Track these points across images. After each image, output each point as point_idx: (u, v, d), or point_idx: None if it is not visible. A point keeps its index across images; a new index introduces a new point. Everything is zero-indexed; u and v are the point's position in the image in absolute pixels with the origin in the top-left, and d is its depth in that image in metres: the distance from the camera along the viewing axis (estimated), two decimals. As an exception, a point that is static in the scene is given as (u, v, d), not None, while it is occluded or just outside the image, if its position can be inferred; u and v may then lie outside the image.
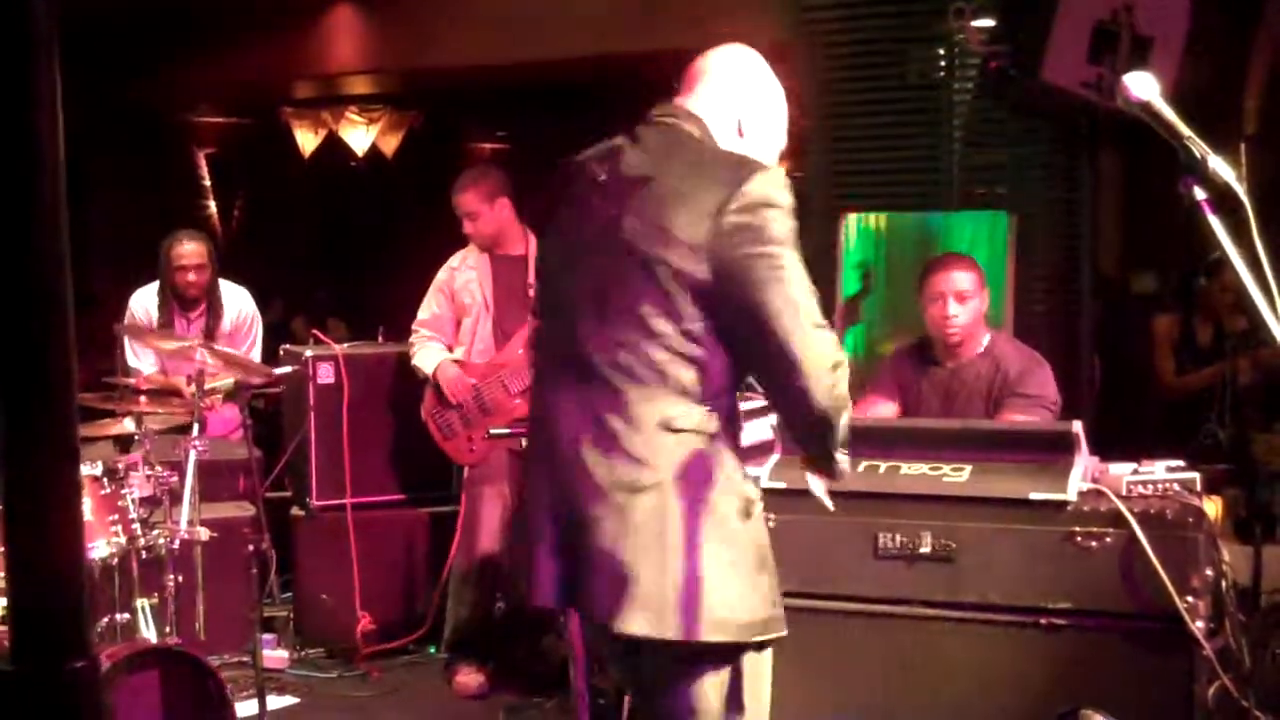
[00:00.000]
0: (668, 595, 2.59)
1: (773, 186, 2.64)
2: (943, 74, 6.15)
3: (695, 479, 2.64)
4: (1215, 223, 2.15)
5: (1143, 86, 2.23)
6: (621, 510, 2.62)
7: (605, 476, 2.65)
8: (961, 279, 4.72)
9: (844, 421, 2.70)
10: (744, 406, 4.50)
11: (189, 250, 6.53)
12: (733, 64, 2.92)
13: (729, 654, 2.70)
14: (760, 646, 2.75)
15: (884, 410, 4.83)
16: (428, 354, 5.75)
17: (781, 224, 2.63)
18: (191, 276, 6.50)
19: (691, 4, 7.88)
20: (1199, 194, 2.16)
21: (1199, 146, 2.17)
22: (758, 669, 2.76)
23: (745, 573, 2.68)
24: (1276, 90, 6.62)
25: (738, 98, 2.88)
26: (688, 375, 2.66)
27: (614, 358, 2.68)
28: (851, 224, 6.03)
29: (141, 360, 6.45)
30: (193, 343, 5.19)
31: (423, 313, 5.82)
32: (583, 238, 2.77)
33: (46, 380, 1.41)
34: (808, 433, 2.76)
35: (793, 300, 2.62)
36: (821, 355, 2.63)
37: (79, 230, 1.50)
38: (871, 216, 5.98)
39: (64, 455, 1.44)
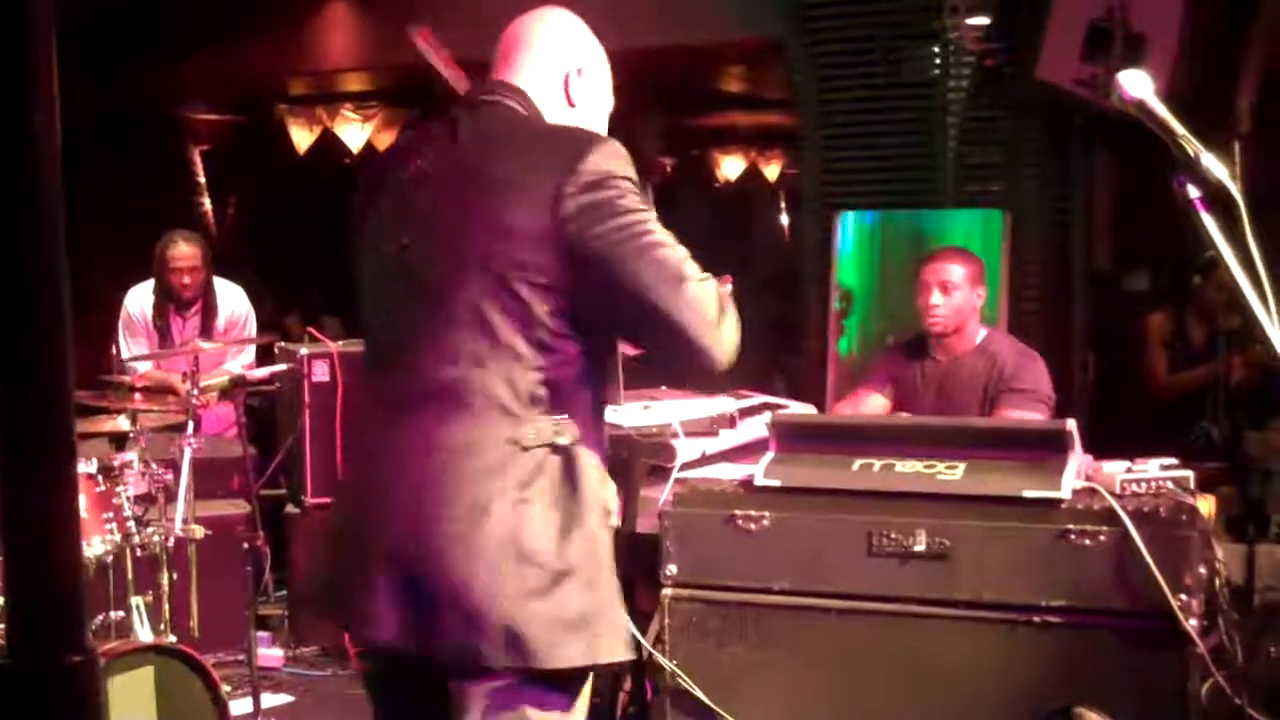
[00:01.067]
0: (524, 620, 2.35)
1: (610, 158, 2.43)
2: (937, 72, 6.17)
3: (553, 496, 2.42)
4: (1208, 221, 2.15)
5: (1137, 84, 2.23)
6: (467, 538, 2.36)
7: (451, 501, 2.38)
8: (948, 269, 4.73)
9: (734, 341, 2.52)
10: (739, 405, 4.53)
11: (184, 252, 6.54)
12: (552, 28, 2.68)
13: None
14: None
15: (874, 402, 4.84)
16: None
17: (627, 193, 2.42)
18: (186, 279, 6.50)
19: (689, 1, 7.88)
20: (1192, 192, 2.16)
21: (1192, 145, 2.17)
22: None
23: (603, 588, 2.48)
24: (1270, 89, 6.62)
25: (562, 64, 2.64)
26: (537, 386, 2.41)
27: (454, 373, 2.42)
28: (849, 221, 6.04)
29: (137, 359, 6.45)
30: (191, 346, 5.20)
31: None
32: (407, 241, 2.52)
33: (43, 376, 1.41)
34: (706, 375, 2.57)
35: (661, 264, 2.40)
36: (705, 310, 2.42)
37: (72, 226, 1.50)
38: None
39: (61, 451, 1.44)
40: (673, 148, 13.30)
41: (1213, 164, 2.15)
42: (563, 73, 2.64)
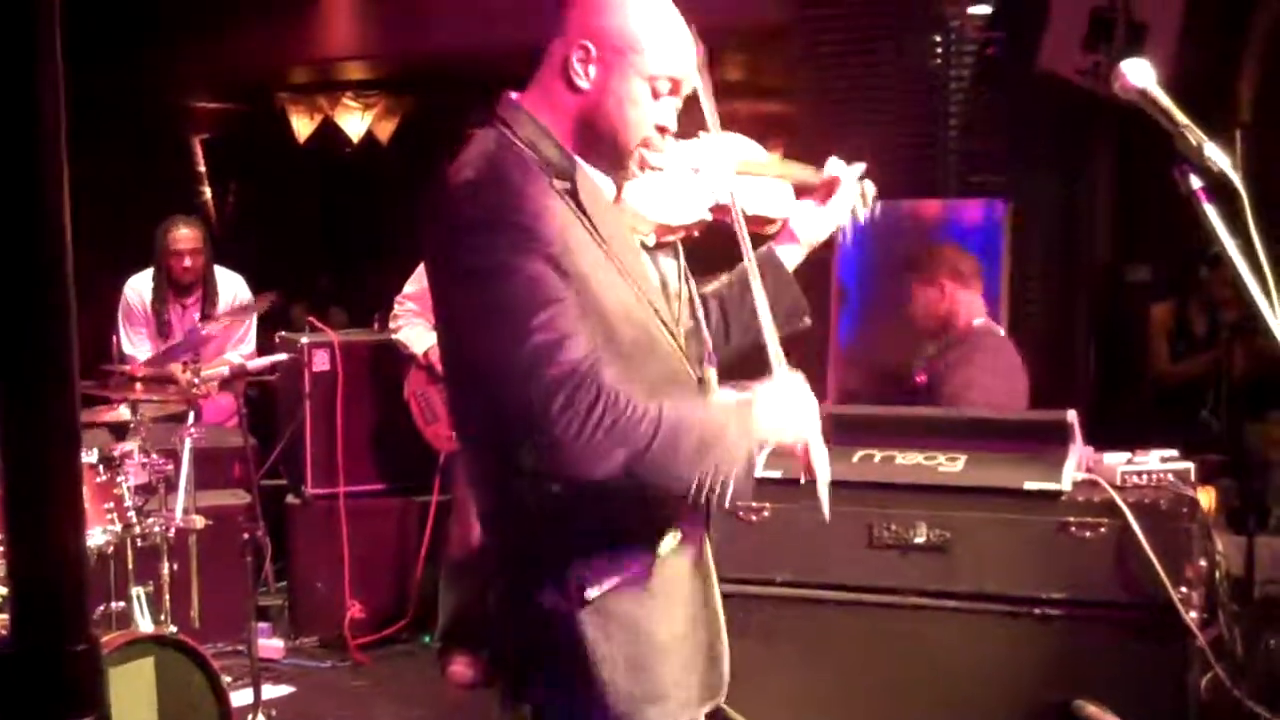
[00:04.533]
0: None
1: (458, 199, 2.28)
2: (939, 61, 6.14)
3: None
4: (1210, 211, 2.14)
5: (1139, 73, 2.23)
6: None
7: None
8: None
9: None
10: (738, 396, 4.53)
11: (184, 235, 6.53)
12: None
13: None
14: None
15: None
16: (416, 332, 5.72)
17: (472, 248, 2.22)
18: (187, 262, 6.50)
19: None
20: (1195, 182, 2.16)
21: (1195, 134, 2.16)
22: None
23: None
24: (1272, 78, 6.61)
25: (564, 44, 2.35)
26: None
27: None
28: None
29: (137, 347, 6.45)
30: (193, 331, 5.19)
31: (410, 285, 5.76)
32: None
33: (47, 364, 1.41)
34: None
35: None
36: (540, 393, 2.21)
37: (71, 215, 1.49)
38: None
39: (65, 440, 1.44)
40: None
41: (1215, 154, 2.15)
42: (561, 55, 2.33)
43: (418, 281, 5.71)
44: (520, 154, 2.30)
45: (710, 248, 2.62)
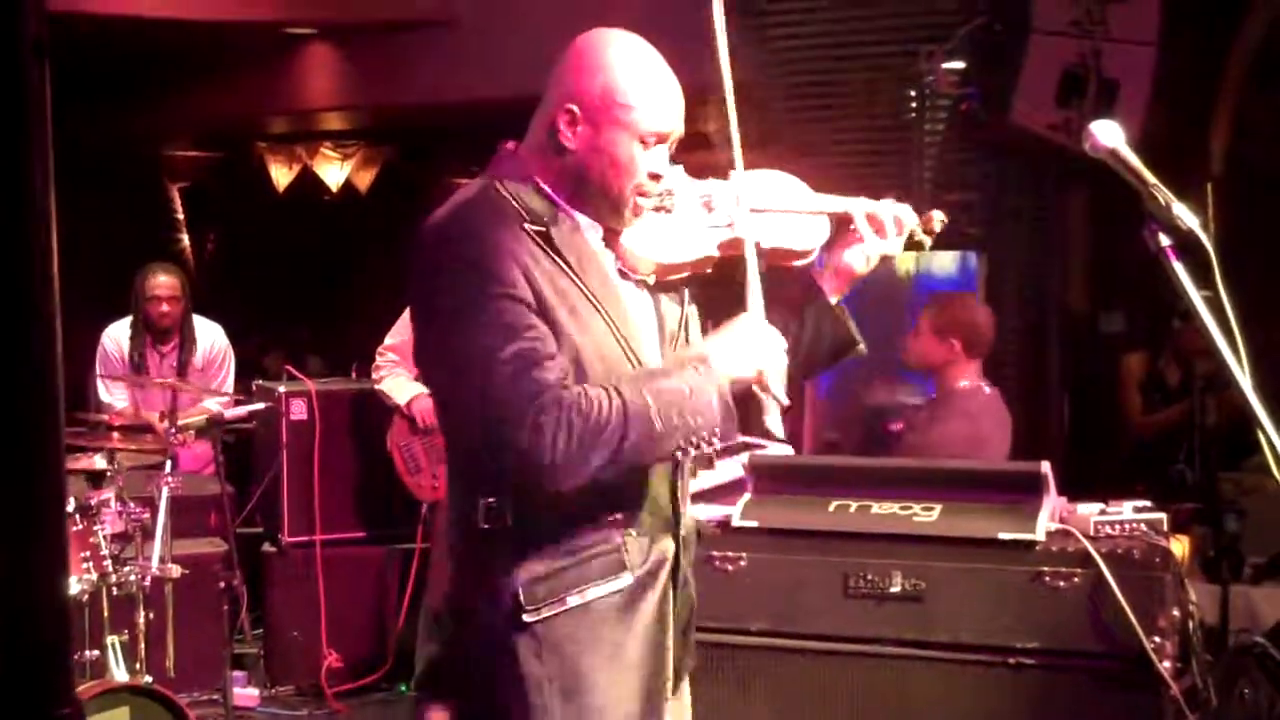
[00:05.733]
0: None
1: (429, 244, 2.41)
2: (913, 115, 6.20)
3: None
4: (1179, 269, 2.18)
5: (1109, 134, 2.27)
6: None
7: None
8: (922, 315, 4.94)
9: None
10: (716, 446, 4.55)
11: (162, 281, 6.54)
12: (560, 62, 2.47)
13: None
14: None
15: None
16: (399, 383, 5.72)
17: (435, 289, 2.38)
18: (165, 307, 6.49)
19: (659, 44, 7.93)
20: (1163, 240, 2.20)
21: (1163, 194, 2.21)
22: None
23: None
24: (1242, 131, 6.69)
25: (550, 106, 2.45)
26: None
27: None
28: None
29: (113, 395, 6.44)
30: (168, 382, 5.19)
31: (392, 336, 5.77)
32: None
33: (31, 423, 1.42)
34: None
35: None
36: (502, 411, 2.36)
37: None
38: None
39: (50, 501, 1.45)
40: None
41: (1183, 213, 2.19)
42: (549, 117, 2.43)
43: (399, 333, 5.73)
44: (497, 200, 2.40)
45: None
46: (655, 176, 2.45)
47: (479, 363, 2.28)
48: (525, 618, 2.36)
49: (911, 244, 2.86)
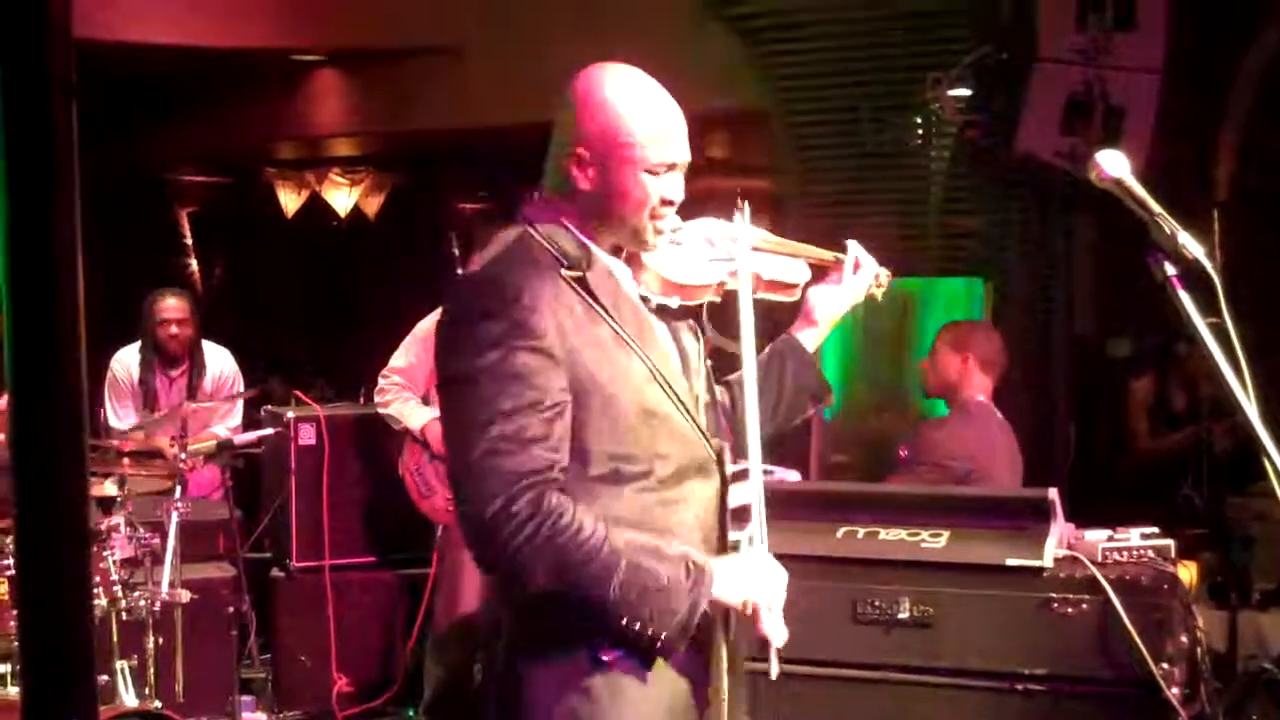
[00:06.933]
0: None
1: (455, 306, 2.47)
2: (919, 142, 6.23)
3: None
4: (1184, 298, 2.20)
5: (1115, 164, 2.29)
6: None
7: None
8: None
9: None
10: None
11: (172, 305, 6.56)
12: (561, 108, 2.52)
13: None
14: None
15: None
16: (410, 407, 5.69)
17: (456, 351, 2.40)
18: (174, 330, 6.51)
19: (669, 72, 7.98)
20: (1169, 269, 2.22)
21: (1169, 223, 2.23)
22: None
23: None
24: (1248, 159, 6.71)
25: (560, 151, 2.51)
26: None
27: None
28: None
29: (123, 421, 6.46)
30: (186, 406, 5.20)
31: (397, 359, 5.73)
32: None
33: (59, 459, 1.44)
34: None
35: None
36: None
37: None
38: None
39: (75, 536, 1.47)
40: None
41: (1189, 242, 2.20)
42: (560, 162, 2.49)
43: (404, 356, 5.71)
44: (534, 247, 2.46)
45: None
46: (668, 202, 2.50)
47: (478, 431, 2.30)
48: (603, 657, 2.37)
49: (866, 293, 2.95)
